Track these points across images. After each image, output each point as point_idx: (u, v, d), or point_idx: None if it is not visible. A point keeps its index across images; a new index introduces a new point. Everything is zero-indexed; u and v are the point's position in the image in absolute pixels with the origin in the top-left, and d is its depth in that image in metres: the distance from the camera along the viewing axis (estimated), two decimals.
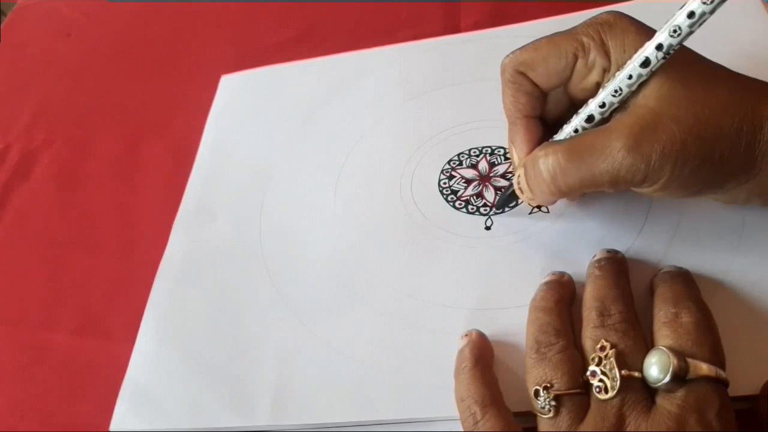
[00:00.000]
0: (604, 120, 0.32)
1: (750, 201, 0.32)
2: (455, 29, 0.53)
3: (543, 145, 0.33)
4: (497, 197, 0.40)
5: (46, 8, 0.72)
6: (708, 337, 0.28)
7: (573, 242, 0.37)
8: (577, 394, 0.29)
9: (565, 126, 0.34)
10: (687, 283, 0.32)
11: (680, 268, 0.33)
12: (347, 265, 0.40)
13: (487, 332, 0.34)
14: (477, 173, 0.42)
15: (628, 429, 0.27)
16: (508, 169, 0.41)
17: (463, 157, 0.43)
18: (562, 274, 0.35)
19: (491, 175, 0.41)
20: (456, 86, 0.48)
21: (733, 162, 0.29)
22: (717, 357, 0.28)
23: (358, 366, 0.35)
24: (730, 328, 0.30)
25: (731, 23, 0.41)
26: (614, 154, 0.29)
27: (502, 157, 0.42)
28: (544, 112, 0.35)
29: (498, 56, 0.36)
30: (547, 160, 0.32)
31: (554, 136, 0.34)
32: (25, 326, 0.45)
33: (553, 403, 0.28)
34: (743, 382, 0.29)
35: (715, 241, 0.35)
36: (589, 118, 0.32)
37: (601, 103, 0.31)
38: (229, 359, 0.38)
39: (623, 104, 0.31)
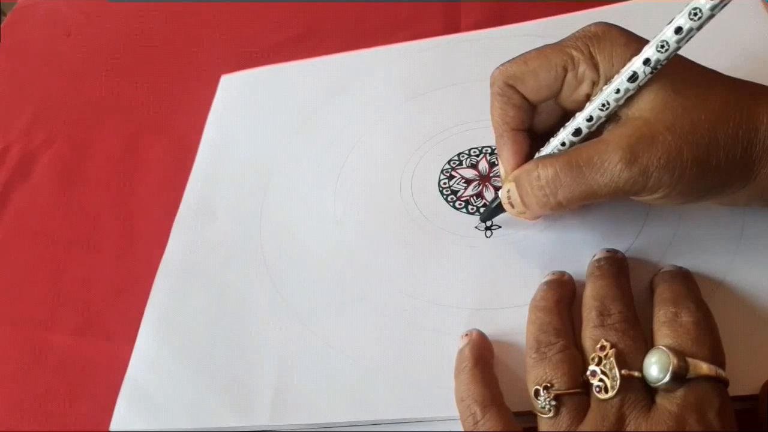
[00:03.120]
0: (592, 134, 0.32)
1: (750, 204, 0.32)
2: (455, 29, 0.53)
3: (536, 159, 0.33)
4: (483, 210, 0.39)
5: (46, 8, 0.72)
6: (708, 337, 0.28)
7: (573, 242, 0.37)
8: (577, 394, 0.29)
9: (551, 139, 0.33)
10: (687, 282, 0.32)
11: (680, 267, 0.33)
12: (347, 265, 0.40)
13: (487, 332, 0.34)
14: (477, 173, 0.42)
15: (628, 429, 0.27)
16: None
17: (463, 157, 0.43)
18: (562, 273, 0.35)
19: (491, 175, 0.41)
20: (456, 86, 0.48)
21: (730, 167, 0.29)
22: (717, 356, 0.28)
23: (358, 366, 0.35)
24: (730, 327, 0.30)
25: (731, 23, 0.41)
26: (612, 168, 0.29)
27: None
28: (533, 125, 0.35)
29: (498, 56, 0.36)
30: (546, 174, 0.32)
31: (541, 149, 0.34)
32: (25, 326, 0.45)
33: (553, 402, 0.28)
34: (743, 381, 0.29)
35: (715, 240, 0.35)
36: (577, 132, 0.32)
37: (588, 117, 0.31)
38: (229, 359, 0.38)
39: (616, 115, 0.31)
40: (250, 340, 0.38)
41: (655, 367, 0.27)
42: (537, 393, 0.29)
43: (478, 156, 0.43)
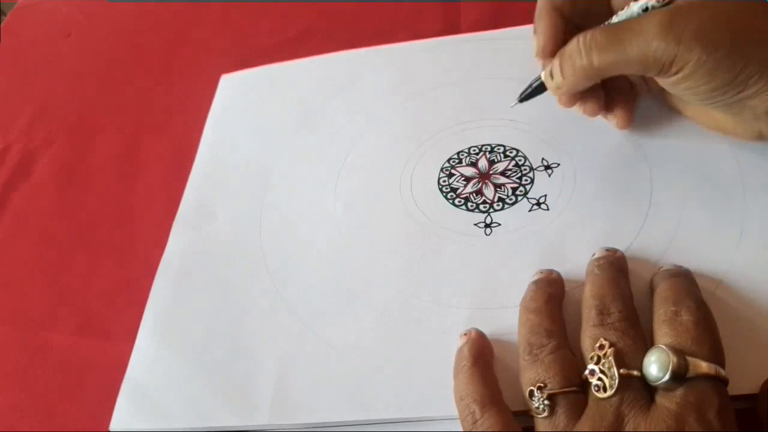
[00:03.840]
0: None
1: (763, 132, 0.33)
2: (455, 29, 0.53)
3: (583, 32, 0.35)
4: (523, 91, 0.40)
5: (46, 8, 0.72)
6: (708, 336, 0.28)
7: (573, 241, 0.37)
8: (572, 393, 0.29)
9: (614, 17, 0.35)
10: (687, 281, 0.32)
11: (680, 266, 0.33)
12: (347, 265, 0.40)
13: (486, 331, 0.34)
14: (476, 171, 0.42)
15: (627, 428, 0.27)
16: (507, 166, 0.41)
17: (462, 155, 0.43)
18: (550, 271, 0.35)
19: (491, 172, 0.41)
20: (456, 85, 0.48)
21: (758, 60, 0.30)
22: (716, 355, 0.28)
23: (358, 366, 0.35)
24: (730, 326, 0.30)
25: None
26: (648, 31, 0.31)
27: (502, 155, 0.42)
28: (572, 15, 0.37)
29: (497, 57, 0.36)
30: (585, 38, 0.34)
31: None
32: (25, 326, 0.45)
33: (546, 402, 0.28)
34: (743, 380, 0.29)
35: (715, 240, 0.35)
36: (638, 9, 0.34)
37: (644, 6, 0.33)
38: (229, 359, 0.38)
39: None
40: (250, 340, 0.38)
41: (655, 366, 0.27)
42: (531, 394, 0.29)
43: (477, 154, 0.43)
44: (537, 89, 0.38)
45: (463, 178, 0.42)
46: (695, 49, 0.30)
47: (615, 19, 0.35)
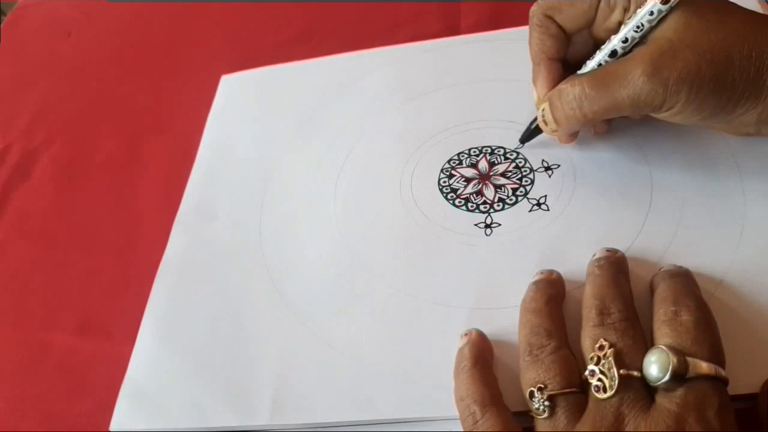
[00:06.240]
0: (626, 55, 0.34)
1: (760, 130, 0.34)
2: (455, 29, 0.53)
3: (568, 79, 0.36)
4: (522, 132, 0.42)
5: (46, 8, 0.72)
6: (708, 336, 0.28)
7: (573, 241, 0.37)
8: (572, 393, 0.29)
9: (588, 61, 0.36)
10: (687, 281, 0.32)
11: (680, 267, 0.33)
12: (347, 265, 0.40)
13: (486, 331, 0.34)
14: (477, 172, 0.42)
15: (627, 428, 0.27)
16: (507, 168, 0.41)
17: (463, 156, 0.43)
18: (551, 272, 0.35)
19: (491, 173, 0.41)
20: (456, 87, 0.48)
21: (743, 86, 0.31)
22: (716, 355, 0.28)
23: (358, 366, 0.35)
24: (730, 327, 0.30)
25: None
26: (635, 80, 0.32)
27: (502, 157, 0.42)
28: (567, 55, 0.38)
29: (497, 58, 0.36)
30: (573, 90, 0.35)
31: (578, 71, 0.36)
32: (25, 326, 0.45)
33: (547, 403, 0.28)
34: (743, 380, 0.29)
35: (715, 240, 0.35)
36: (613, 53, 0.34)
37: (623, 39, 0.34)
38: (229, 359, 0.38)
39: (643, 39, 0.33)
40: (250, 340, 0.38)
41: (655, 367, 0.27)
42: (531, 395, 0.29)
43: (478, 155, 0.43)
44: (537, 130, 0.40)
45: (463, 179, 0.42)
46: (682, 92, 0.31)
47: (598, 55, 0.35)
